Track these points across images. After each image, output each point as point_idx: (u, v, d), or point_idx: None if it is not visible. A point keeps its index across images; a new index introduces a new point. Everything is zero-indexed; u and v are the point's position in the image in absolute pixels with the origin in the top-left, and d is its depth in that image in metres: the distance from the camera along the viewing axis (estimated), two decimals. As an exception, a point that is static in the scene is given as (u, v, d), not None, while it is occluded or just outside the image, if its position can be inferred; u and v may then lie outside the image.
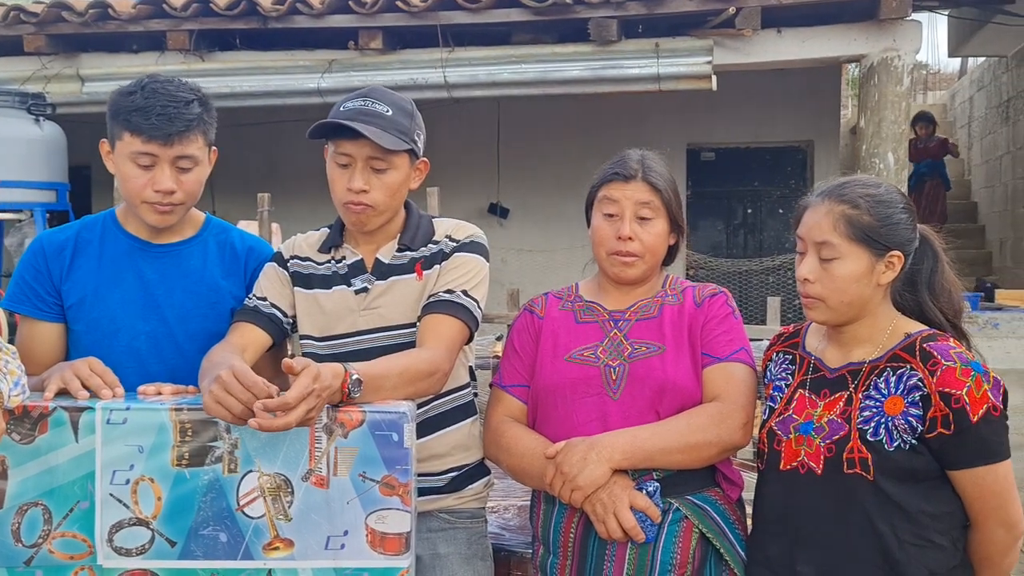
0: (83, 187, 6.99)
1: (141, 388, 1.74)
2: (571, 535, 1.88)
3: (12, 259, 5.20)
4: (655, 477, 1.82)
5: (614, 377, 1.90)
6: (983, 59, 9.94)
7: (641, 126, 7.34)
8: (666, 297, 1.99)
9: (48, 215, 5.14)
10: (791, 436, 1.78)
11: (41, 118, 5.12)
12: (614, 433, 1.83)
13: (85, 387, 1.70)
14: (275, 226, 5.11)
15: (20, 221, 5.08)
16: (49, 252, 2.02)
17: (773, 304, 4.89)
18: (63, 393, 1.70)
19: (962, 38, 8.14)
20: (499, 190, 7.98)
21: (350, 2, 5.23)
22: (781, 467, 1.79)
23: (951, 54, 9.06)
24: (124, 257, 2.02)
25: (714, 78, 5.02)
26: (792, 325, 2.00)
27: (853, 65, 5.29)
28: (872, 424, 1.69)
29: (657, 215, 1.93)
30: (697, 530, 1.85)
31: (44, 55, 5.73)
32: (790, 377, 1.86)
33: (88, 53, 5.82)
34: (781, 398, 1.85)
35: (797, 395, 1.82)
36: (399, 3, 5.14)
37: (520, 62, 5.07)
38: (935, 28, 12.59)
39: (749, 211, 8.30)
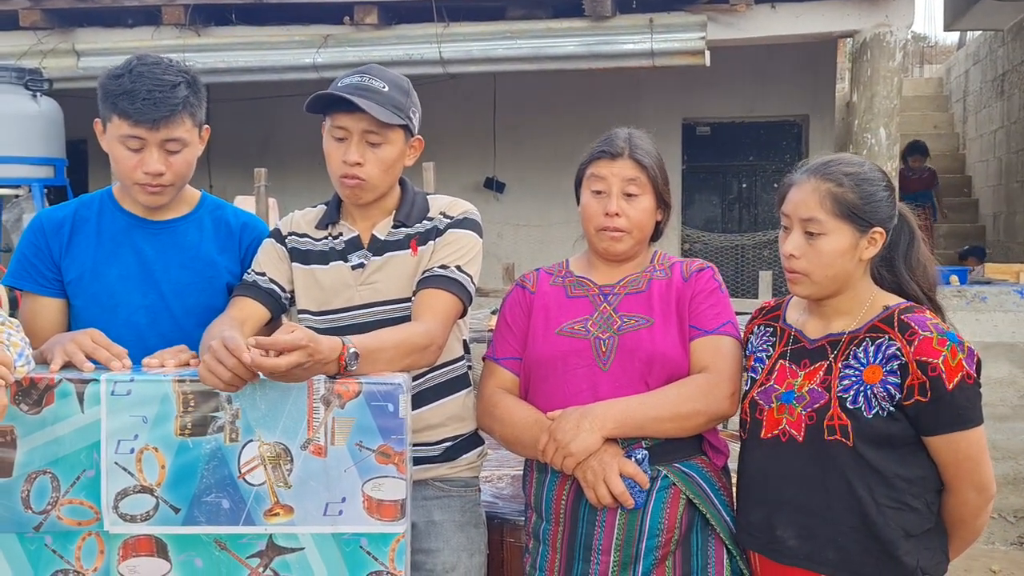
0: (80, 161, 6.99)
1: (145, 360, 1.79)
2: (563, 502, 1.94)
3: (10, 235, 5.23)
4: (644, 445, 1.88)
5: (604, 349, 1.95)
6: (980, 32, 9.92)
7: (637, 100, 7.36)
8: (654, 272, 2.04)
9: (46, 190, 5.16)
10: (773, 405, 1.84)
11: (38, 93, 5.13)
12: (606, 403, 1.88)
13: (90, 358, 1.76)
14: (272, 201, 5.14)
15: (17, 196, 5.10)
16: (48, 229, 2.06)
17: (765, 278, 4.95)
18: (68, 365, 1.75)
19: (959, 11, 8.13)
20: (495, 165, 7.99)
21: (345, -23, 5.24)
22: (763, 435, 1.85)
23: (947, 27, 9.04)
24: (121, 233, 2.06)
25: (707, 54, 5.03)
26: (774, 299, 2.06)
27: (850, 39, 5.29)
28: (851, 392, 1.75)
29: (644, 192, 1.98)
30: (684, 496, 1.91)
31: (40, 30, 5.72)
32: (771, 349, 1.92)
33: (84, 28, 5.81)
34: (762, 369, 1.91)
35: (778, 366, 1.88)
36: (394, -22, 5.14)
37: (515, 38, 5.08)
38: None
39: (744, 186, 8.33)
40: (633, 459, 1.85)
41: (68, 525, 1.68)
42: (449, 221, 2.02)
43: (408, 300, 1.98)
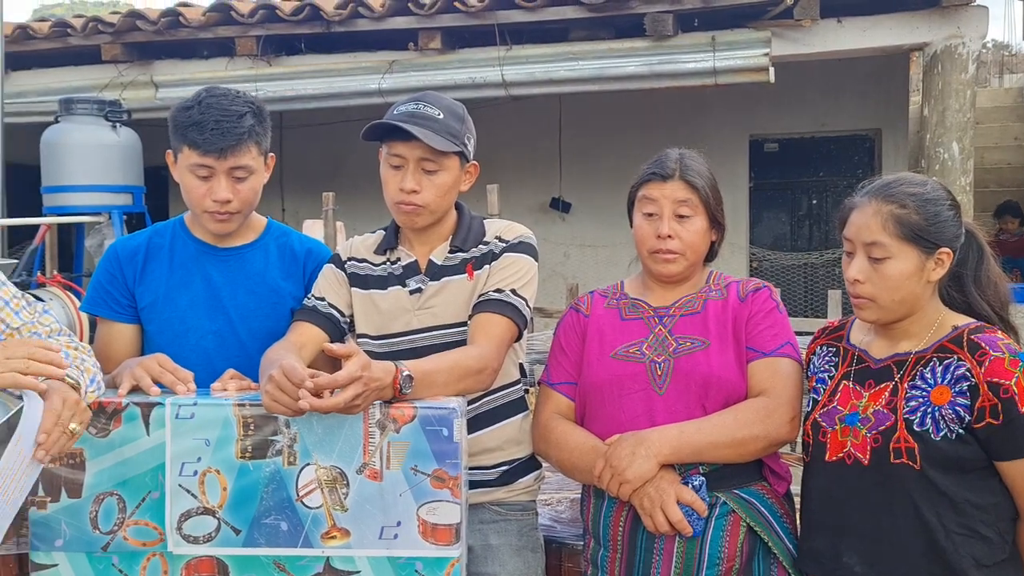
0: (160, 187, 7.23)
1: (213, 386, 1.84)
2: (620, 529, 1.92)
3: (92, 259, 5.44)
4: (701, 471, 1.85)
5: (660, 373, 1.93)
6: (1063, 40, 9.56)
7: (702, 117, 7.29)
8: (710, 292, 2.02)
9: (125, 217, 5.35)
10: (836, 427, 1.80)
11: (117, 124, 5.33)
12: (662, 428, 1.86)
13: (156, 383, 1.81)
14: (339, 224, 5.23)
15: (99, 223, 5.31)
16: (123, 257, 2.14)
17: (834, 297, 4.83)
18: (135, 389, 1.81)
19: (1038, 19, 7.85)
20: (561, 185, 8.00)
21: (409, 4, 5.32)
22: (827, 458, 1.80)
23: (1027, 35, 8.74)
24: (192, 261, 2.13)
25: (772, 70, 4.97)
26: (837, 319, 2.01)
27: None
28: (918, 414, 1.70)
29: (696, 213, 1.96)
30: (744, 524, 1.87)
31: (120, 63, 5.97)
32: (833, 369, 1.88)
33: (161, 60, 6.04)
34: (825, 390, 1.86)
35: (841, 387, 1.83)
36: (457, 3, 5.21)
37: (576, 59, 5.10)
38: (1011, 6, 12.14)
39: (814, 202, 8.16)
40: (690, 486, 1.83)
41: (134, 546, 1.73)
42: (504, 245, 2.04)
43: (465, 324, 1.99)
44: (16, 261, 5.06)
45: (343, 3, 5.49)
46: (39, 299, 3.29)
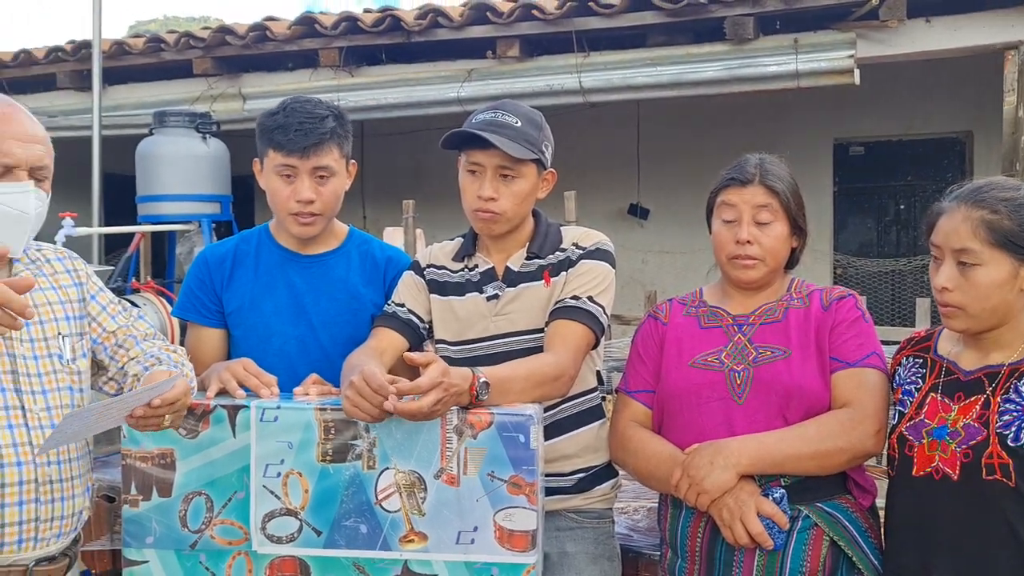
0: (247, 196, 7.44)
1: (295, 390, 1.88)
2: (698, 540, 1.90)
3: (182, 267, 5.63)
4: (782, 483, 1.82)
5: (739, 382, 1.91)
6: None
7: (785, 121, 7.14)
8: (791, 300, 1.98)
9: (213, 225, 5.53)
10: (924, 441, 1.74)
11: (207, 136, 5.52)
12: (741, 438, 1.83)
13: (242, 386, 1.87)
14: (419, 231, 5.31)
15: (189, 231, 5.50)
16: (212, 264, 2.22)
17: (922, 305, 4.68)
18: (222, 392, 1.87)
19: None
20: (639, 191, 7.94)
21: (488, 13, 5.37)
22: (914, 473, 1.75)
23: None
24: (276, 267, 2.19)
25: (857, 72, 4.84)
26: (924, 329, 1.95)
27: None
28: (1013, 429, 1.64)
29: (776, 218, 1.93)
30: (828, 538, 1.83)
31: (210, 76, 6.17)
32: (920, 381, 1.82)
33: (249, 73, 6.22)
34: (911, 402, 1.81)
35: (929, 399, 1.78)
36: (535, 11, 5.23)
37: (655, 64, 5.06)
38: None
39: (902, 207, 7.90)
40: (770, 497, 1.79)
41: (220, 544, 1.78)
42: (581, 252, 2.04)
43: (541, 331, 2.00)
44: (112, 268, 5.27)
45: (423, 13, 5.57)
46: (134, 304, 3.43)
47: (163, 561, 1.80)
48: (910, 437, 1.77)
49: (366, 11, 6.09)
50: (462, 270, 2.10)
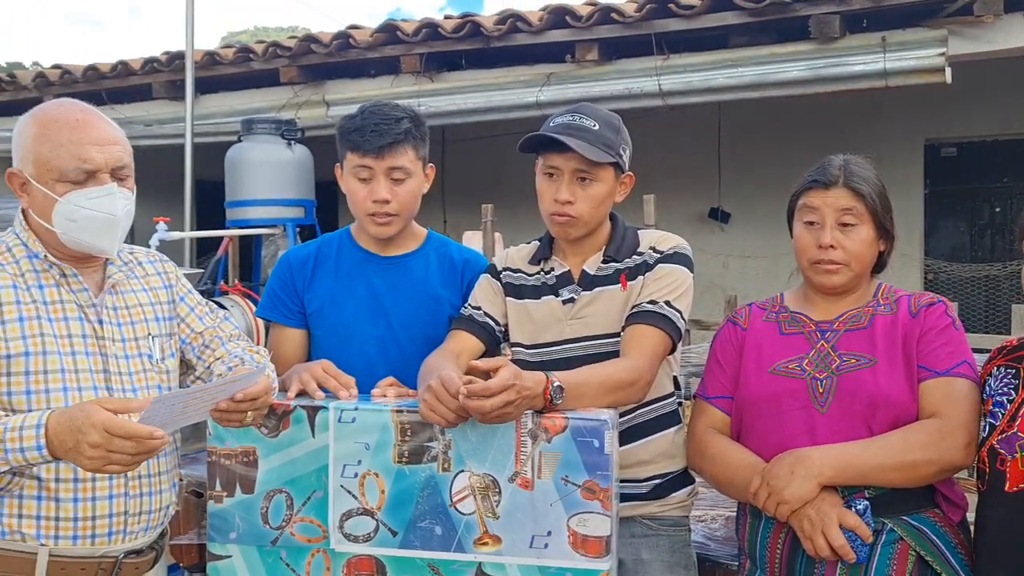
0: (330, 201, 7.60)
1: (373, 391, 1.91)
2: (778, 551, 1.86)
3: (266, 270, 5.78)
4: (866, 495, 1.76)
5: (821, 390, 1.86)
6: None
7: (873, 122, 6.94)
8: (878, 307, 1.92)
9: (298, 229, 5.67)
10: (1017, 455, 1.66)
11: (292, 142, 5.66)
12: (823, 448, 1.79)
13: (321, 387, 1.91)
14: (497, 235, 5.33)
15: (274, 235, 5.64)
16: (294, 266, 2.27)
17: (1019, 312, 4.47)
18: (302, 393, 1.91)
19: None
20: (720, 194, 7.82)
21: (567, 17, 5.37)
22: (1006, 488, 1.68)
23: None
24: (356, 269, 2.24)
25: (948, 70, 4.67)
26: (1016, 337, 1.87)
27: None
28: None
29: (861, 221, 1.87)
30: (914, 552, 1.76)
31: (296, 84, 6.32)
32: (1013, 392, 1.74)
33: (333, 80, 6.35)
34: (1003, 414, 1.73)
35: (1022, 411, 1.70)
36: (614, 14, 5.20)
37: (736, 65, 4.97)
38: None
39: (997, 210, 7.58)
40: (853, 509, 1.74)
41: (300, 541, 1.82)
42: (659, 256, 2.02)
43: (617, 335, 1.99)
44: (202, 271, 5.45)
45: (502, 19, 5.60)
46: (222, 307, 3.54)
47: (245, 556, 1.85)
48: (1002, 451, 1.69)
49: (447, 17, 6.15)
50: (538, 273, 2.10)
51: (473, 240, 5.26)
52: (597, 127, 1.98)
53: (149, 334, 1.88)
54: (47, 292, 1.77)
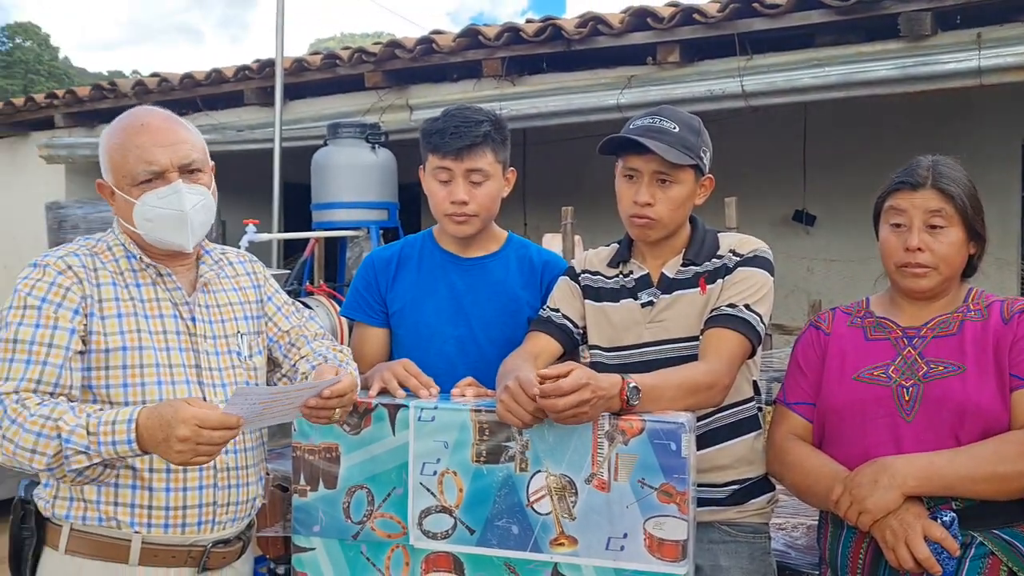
0: (412, 203, 7.72)
1: (452, 391, 1.95)
2: (860, 561, 1.82)
3: (351, 271, 5.91)
4: (953, 507, 1.71)
5: (907, 398, 1.81)
6: None
7: (966, 121, 6.69)
8: (968, 312, 1.86)
9: (381, 231, 5.77)
10: (1117, 471, 1.59)
11: (376, 145, 5.77)
12: (908, 457, 1.74)
13: (402, 386, 1.95)
14: (577, 238, 5.33)
15: (358, 237, 5.76)
16: (378, 266, 2.33)
17: None
18: (383, 391, 1.95)
19: None
20: (805, 196, 7.65)
21: (648, 19, 5.33)
22: (1106, 505, 1.61)
23: None
24: (438, 269, 2.28)
25: (1049, 67, 4.47)
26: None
27: None
28: None
29: (950, 224, 1.82)
30: (1006, 567, 1.71)
31: (380, 89, 6.43)
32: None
33: (416, 85, 6.44)
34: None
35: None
36: (696, 15, 5.15)
37: (822, 65, 4.84)
38: None
39: (1103, 213, 7.24)
40: (939, 521, 1.69)
41: (380, 536, 1.86)
42: (739, 259, 2.00)
43: (696, 339, 1.98)
44: (289, 271, 5.59)
45: (583, 22, 5.59)
46: (307, 306, 3.63)
47: (328, 549, 1.90)
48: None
49: (528, 21, 6.18)
50: (617, 276, 2.10)
51: (553, 242, 5.27)
52: (677, 129, 1.98)
53: (238, 332, 1.95)
54: (144, 290, 1.85)
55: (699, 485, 1.86)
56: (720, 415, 2.00)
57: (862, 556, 1.81)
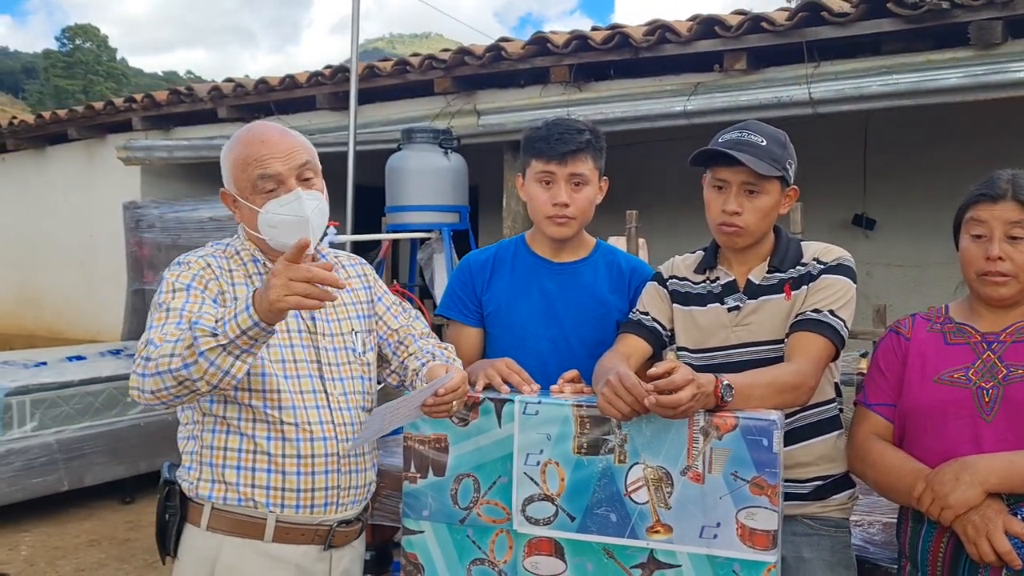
0: (473, 206, 7.89)
1: (552, 388, 2.07)
2: (940, 554, 1.91)
3: (423, 271, 6.08)
4: (1033, 504, 1.80)
5: (987, 400, 1.90)
6: None
7: (1029, 127, 6.65)
8: (1046, 319, 1.95)
9: (452, 234, 5.93)
10: None
11: (449, 150, 5.93)
12: (990, 456, 1.83)
13: (505, 382, 2.09)
14: (641, 241, 5.43)
15: (430, 239, 5.93)
16: (474, 268, 2.48)
17: None
18: (487, 387, 2.10)
19: None
20: (865, 201, 7.64)
21: (715, 27, 5.41)
22: None
23: None
24: (530, 272, 2.42)
25: (1125, 76, 4.46)
26: None
27: None
28: None
29: None
30: (1083, 563, 1.79)
31: (449, 94, 6.61)
32: None
33: (484, 90, 6.59)
34: None
35: None
36: (764, 24, 5.21)
37: (890, 72, 4.88)
38: None
39: None
40: (1019, 517, 1.78)
41: (485, 522, 2.01)
42: (823, 267, 2.10)
43: (780, 342, 2.08)
44: (362, 272, 5.76)
45: (651, 29, 5.68)
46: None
47: (436, 532, 2.05)
48: None
49: (594, 29, 6.29)
50: (703, 282, 2.22)
51: (617, 245, 5.38)
52: (764, 143, 2.09)
53: (353, 330, 2.11)
54: None
55: (784, 481, 1.96)
56: (803, 414, 2.10)
57: (942, 550, 1.90)
